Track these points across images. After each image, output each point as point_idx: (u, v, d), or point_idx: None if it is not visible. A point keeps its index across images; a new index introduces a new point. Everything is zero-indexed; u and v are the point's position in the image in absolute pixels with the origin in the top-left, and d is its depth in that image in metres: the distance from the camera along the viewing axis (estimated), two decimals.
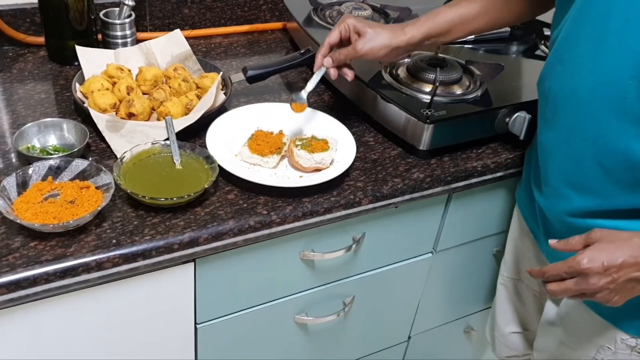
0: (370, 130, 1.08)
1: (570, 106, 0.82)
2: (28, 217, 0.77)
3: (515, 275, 1.14)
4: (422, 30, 0.95)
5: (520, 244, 1.10)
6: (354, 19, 0.95)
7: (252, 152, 0.94)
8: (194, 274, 0.89)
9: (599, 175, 0.81)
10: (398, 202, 0.97)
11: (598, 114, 0.78)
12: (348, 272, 1.08)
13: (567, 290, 0.76)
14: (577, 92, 0.80)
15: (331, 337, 1.17)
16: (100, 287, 0.81)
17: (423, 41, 0.96)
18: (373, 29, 0.94)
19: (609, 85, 0.76)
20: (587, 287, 0.74)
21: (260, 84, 1.14)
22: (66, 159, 0.85)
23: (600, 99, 0.77)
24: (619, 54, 0.74)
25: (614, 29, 0.74)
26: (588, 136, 0.81)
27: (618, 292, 0.74)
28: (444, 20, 0.96)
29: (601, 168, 0.81)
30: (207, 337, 0.99)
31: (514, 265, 1.13)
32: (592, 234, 0.75)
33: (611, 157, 0.79)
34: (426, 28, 0.96)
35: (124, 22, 1.16)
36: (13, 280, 0.72)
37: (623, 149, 0.77)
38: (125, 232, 0.80)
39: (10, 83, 1.08)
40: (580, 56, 0.79)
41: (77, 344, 0.86)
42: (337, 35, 0.96)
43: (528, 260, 1.07)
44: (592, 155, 0.81)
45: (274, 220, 0.87)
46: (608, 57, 0.75)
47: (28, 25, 1.19)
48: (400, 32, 0.95)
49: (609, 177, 0.81)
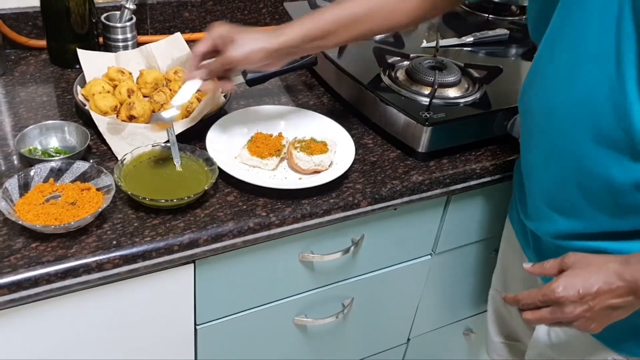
0: (369, 133, 1.09)
1: (549, 126, 0.80)
2: (30, 218, 0.77)
3: (502, 288, 1.13)
4: (300, 32, 0.87)
5: (509, 258, 1.09)
6: (226, 25, 0.86)
7: (251, 155, 0.95)
8: (193, 275, 0.89)
9: (581, 199, 0.80)
10: (397, 204, 0.98)
11: (576, 136, 0.76)
12: (347, 274, 1.08)
13: (542, 319, 0.75)
14: (555, 110, 0.78)
15: (330, 339, 1.17)
16: (101, 288, 0.82)
17: (303, 44, 0.87)
18: (246, 34, 0.85)
19: (586, 106, 0.74)
20: (563, 316, 0.73)
21: (260, 87, 1.15)
22: (67, 161, 0.86)
23: (578, 120, 0.75)
24: (594, 73, 0.72)
25: (589, 48, 0.72)
26: (568, 159, 0.79)
27: (595, 319, 0.72)
28: (327, 21, 0.87)
29: (582, 192, 0.79)
30: (207, 338, 0.99)
31: (502, 277, 1.13)
32: (567, 259, 0.74)
33: (592, 181, 0.77)
34: (305, 29, 0.87)
35: (125, 26, 1.17)
36: (15, 280, 0.73)
37: (603, 174, 0.75)
38: (125, 233, 0.81)
39: (12, 86, 1.09)
40: (557, 73, 0.77)
41: (78, 344, 0.86)
42: (206, 44, 0.87)
43: (516, 274, 1.07)
44: (573, 179, 0.79)
45: (273, 222, 0.87)
46: (584, 76, 0.73)
47: (30, 28, 1.20)
48: (276, 35, 0.86)
49: (591, 201, 0.79)
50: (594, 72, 0.72)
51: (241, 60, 0.85)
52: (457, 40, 1.29)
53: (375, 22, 0.90)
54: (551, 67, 0.78)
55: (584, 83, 0.73)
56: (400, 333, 1.31)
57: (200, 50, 0.87)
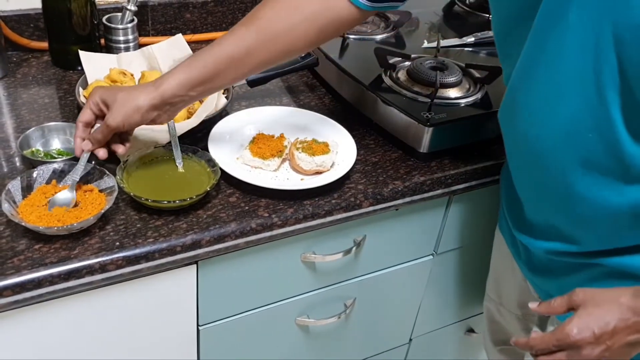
0: (370, 133, 1.09)
1: (535, 157, 0.77)
2: (33, 220, 0.77)
3: (496, 298, 1.12)
4: (178, 81, 0.80)
5: (500, 267, 1.08)
6: (103, 89, 0.82)
7: (253, 155, 0.95)
8: (196, 276, 0.90)
9: (575, 224, 0.78)
10: (399, 204, 0.98)
11: (565, 166, 0.74)
12: (349, 274, 1.08)
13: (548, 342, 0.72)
14: (540, 142, 0.75)
15: (332, 339, 1.17)
16: (104, 289, 0.82)
17: (185, 92, 0.81)
18: (122, 94, 0.80)
19: (572, 137, 0.71)
20: (581, 359, 0.70)
21: (262, 88, 1.15)
22: (70, 163, 0.86)
23: (564, 150, 0.73)
24: (576, 103, 0.69)
25: (569, 78, 0.69)
26: (559, 188, 0.76)
27: (614, 357, 0.70)
28: (205, 65, 0.81)
29: (577, 217, 0.77)
30: (210, 338, 0.99)
31: (495, 287, 1.12)
32: (575, 296, 0.71)
33: (586, 207, 0.75)
34: (183, 78, 0.80)
35: (127, 27, 1.17)
36: (18, 282, 0.73)
37: (597, 199, 0.73)
38: (128, 234, 0.81)
39: (14, 88, 1.09)
40: (538, 101, 0.74)
41: (81, 345, 0.86)
42: (89, 113, 0.82)
43: (509, 283, 1.06)
44: (567, 206, 0.77)
45: (275, 222, 0.87)
46: (566, 107, 0.70)
47: (32, 30, 1.20)
48: (152, 88, 0.80)
49: (586, 226, 0.77)
50: (576, 102, 0.69)
51: (120, 125, 0.80)
52: (458, 41, 1.29)
53: (262, 57, 0.83)
54: (531, 98, 0.75)
55: (567, 114, 0.71)
56: (402, 333, 1.31)
57: (83, 120, 0.82)
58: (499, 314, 1.14)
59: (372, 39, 1.26)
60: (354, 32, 1.27)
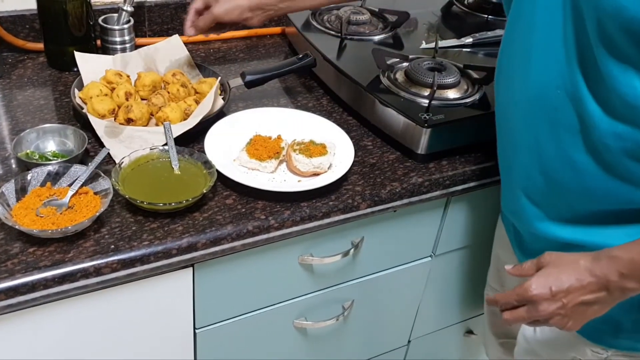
0: (368, 135, 1.08)
1: (513, 117, 0.83)
2: (27, 223, 0.77)
3: (498, 286, 1.14)
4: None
5: (501, 253, 1.10)
6: None
7: (250, 157, 0.94)
8: (192, 279, 0.89)
9: (548, 186, 0.82)
10: (397, 206, 0.98)
11: (537, 125, 0.79)
12: (347, 276, 1.08)
13: (519, 318, 0.76)
14: (517, 103, 0.81)
15: (330, 342, 1.17)
16: (99, 292, 0.81)
17: (277, 2, 1.01)
18: None
19: (541, 98, 0.77)
20: (538, 314, 0.74)
21: (259, 89, 1.14)
22: (65, 165, 0.86)
23: (536, 111, 0.78)
24: (544, 65, 0.75)
25: (538, 41, 0.75)
26: (532, 147, 0.81)
27: (570, 317, 0.74)
28: None
29: (548, 179, 0.81)
30: (206, 341, 0.99)
31: (497, 277, 1.13)
32: (542, 259, 0.76)
33: (556, 168, 0.80)
34: None
35: (123, 28, 1.16)
36: (12, 286, 0.72)
37: (564, 158, 0.78)
38: (123, 237, 0.80)
39: (9, 89, 1.09)
40: (515, 68, 0.80)
41: (76, 349, 0.86)
42: (198, 2, 1.02)
43: None
44: (538, 166, 0.82)
45: (272, 225, 0.87)
46: (536, 69, 0.76)
47: (27, 31, 1.19)
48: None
49: (559, 188, 0.81)
50: (546, 60, 0.75)
51: (221, 15, 1.00)
52: (456, 41, 1.29)
53: None
54: (510, 61, 0.82)
55: (539, 72, 0.76)
56: (400, 335, 1.31)
57: (195, 7, 1.02)
58: None
59: (370, 40, 1.26)
60: (351, 32, 1.27)
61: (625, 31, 0.64)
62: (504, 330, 1.16)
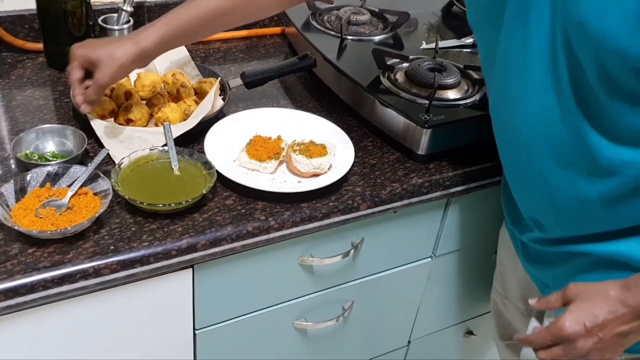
0: (368, 135, 1.08)
1: (516, 146, 0.81)
2: (26, 223, 0.77)
3: (502, 291, 1.13)
4: (158, 35, 0.88)
5: (504, 260, 1.09)
6: (82, 48, 0.88)
7: (250, 158, 0.94)
8: (192, 280, 0.89)
9: (554, 213, 0.82)
10: (397, 206, 0.97)
11: (540, 156, 0.77)
12: (347, 277, 1.07)
13: (557, 357, 0.75)
14: (518, 131, 0.79)
15: (331, 343, 1.17)
16: (98, 293, 0.81)
17: (162, 46, 0.89)
18: (105, 51, 0.87)
19: (543, 126, 0.74)
20: (576, 352, 0.73)
21: (259, 89, 1.14)
22: (64, 165, 0.85)
23: (538, 141, 0.76)
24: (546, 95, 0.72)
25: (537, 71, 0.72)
26: (535, 179, 0.80)
27: (608, 349, 0.73)
28: (185, 21, 0.88)
29: (555, 207, 0.80)
30: (206, 342, 0.98)
31: (501, 282, 1.13)
32: (568, 292, 0.74)
33: (562, 198, 0.78)
34: (161, 33, 0.88)
35: (123, 28, 1.16)
36: (11, 287, 0.72)
37: (569, 190, 0.76)
38: (123, 238, 0.80)
39: (9, 89, 1.09)
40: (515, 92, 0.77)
41: (75, 350, 0.85)
42: (79, 71, 0.89)
43: (512, 277, 1.07)
44: (545, 196, 0.81)
45: (272, 225, 0.87)
46: (537, 97, 0.73)
47: (27, 31, 1.19)
48: (132, 45, 0.87)
49: (564, 216, 0.80)
50: (546, 92, 0.72)
51: (110, 81, 0.89)
52: (456, 42, 1.29)
53: (234, 16, 0.91)
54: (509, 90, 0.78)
55: (539, 103, 0.73)
56: (400, 335, 1.31)
57: (76, 79, 0.89)
58: (504, 308, 1.14)
59: (370, 40, 1.26)
60: (352, 33, 1.26)
61: (631, 70, 0.62)
62: (510, 332, 1.15)
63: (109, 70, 0.86)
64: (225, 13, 0.89)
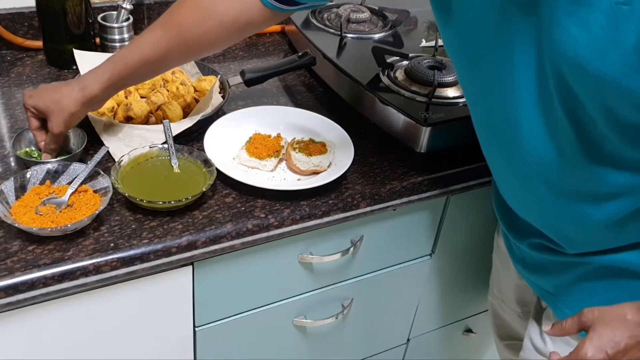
0: (368, 133, 1.08)
1: (510, 175, 0.80)
2: (26, 221, 0.77)
3: (498, 294, 1.14)
4: (102, 83, 0.85)
5: (499, 265, 1.10)
6: (31, 98, 0.86)
7: (250, 156, 0.94)
8: (192, 277, 0.89)
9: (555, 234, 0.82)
10: (396, 204, 0.97)
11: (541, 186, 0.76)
12: (346, 274, 1.08)
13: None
14: (512, 165, 0.78)
15: (330, 340, 1.17)
16: (99, 290, 0.81)
17: (108, 92, 0.87)
18: (52, 100, 0.85)
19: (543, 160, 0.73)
20: None
21: (258, 87, 1.14)
22: (64, 163, 0.85)
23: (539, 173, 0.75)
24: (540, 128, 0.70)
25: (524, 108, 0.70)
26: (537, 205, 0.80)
27: None
28: (126, 66, 0.85)
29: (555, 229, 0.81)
30: (206, 340, 0.98)
31: (497, 285, 1.13)
32: (584, 317, 0.73)
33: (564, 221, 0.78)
34: (105, 79, 0.85)
35: (122, 26, 1.16)
36: (11, 284, 0.72)
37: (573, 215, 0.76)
38: (123, 235, 0.80)
39: (8, 87, 1.08)
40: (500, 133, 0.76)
41: (76, 347, 0.85)
42: (35, 121, 0.88)
43: (506, 281, 1.08)
44: (545, 221, 0.81)
45: (272, 223, 0.87)
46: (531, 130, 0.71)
47: (26, 29, 1.19)
48: (78, 93, 0.85)
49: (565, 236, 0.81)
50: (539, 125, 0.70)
51: (64, 130, 0.87)
52: None
53: (177, 56, 0.89)
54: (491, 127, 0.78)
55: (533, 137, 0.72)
56: (400, 333, 1.31)
57: (35, 128, 0.89)
58: (501, 310, 1.15)
59: (370, 38, 1.26)
60: (351, 31, 1.26)
61: (634, 106, 0.60)
62: (508, 333, 1.16)
63: (60, 119, 0.85)
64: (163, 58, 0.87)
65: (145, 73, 0.89)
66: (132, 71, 0.86)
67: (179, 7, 0.87)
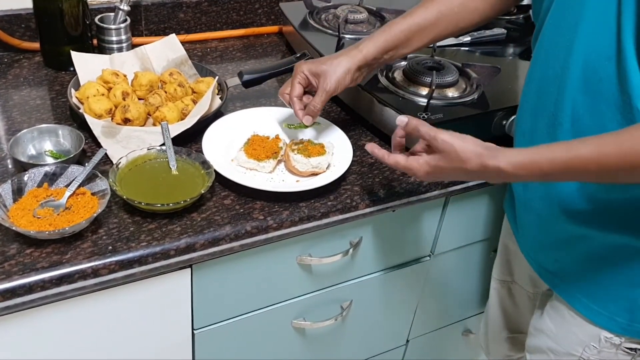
0: (366, 134, 1.08)
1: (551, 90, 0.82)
2: (24, 224, 0.76)
3: (508, 277, 1.14)
4: (377, 45, 0.93)
5: (510, 244, 1.10)
6: (306, 63, 0.94)
7: (248, 157, 0.94)
8: (190, 280, 0.89)
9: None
10: (395, 205, 0.97)
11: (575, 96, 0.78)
12: (345, 276, 1.07)
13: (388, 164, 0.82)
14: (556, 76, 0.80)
15: (329, 342, 1.17)
16: (97, 293, 0.81)
17: (381, 55, 0.94)
18: (329, 62, 0.93)
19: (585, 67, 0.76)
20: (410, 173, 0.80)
21: (256, 89, 1.14)
22: (62, 165, 0.85)
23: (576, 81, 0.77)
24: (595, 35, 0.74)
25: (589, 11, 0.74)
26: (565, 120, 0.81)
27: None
28: (400, 31, 0.94)
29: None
30: (205, 342, 0.98)
31: (507, 268, 1.13)
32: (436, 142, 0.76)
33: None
34: (382, 41, 0.93)
35: (119, 27, 1.16)
36: (9, 287, 0.72)
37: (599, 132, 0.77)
38: (121, 238, 0.80)
39: (5, 89, 1.08)
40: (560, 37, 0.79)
41: (74, 350, 0.85)
42: (299, 87, 0.94)
43: (520, 260, 1.07)
44: None
45: (270, 225, 0.86)
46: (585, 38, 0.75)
47: (23, 30, 1.19)
48: (356, 52, 0.93)
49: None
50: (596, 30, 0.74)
51: (336, 88, 0.92)
52: (454, 40, 1.29)
53: (443, 27, 0.96)
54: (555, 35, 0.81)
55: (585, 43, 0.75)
56: (399, 334, 1.31)
57: (297, 95, 0.94)
58: (509, 297, 1.14)
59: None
60: (349, 31, 1.26)
61: None
62: (515, 323, 1.16)
63: (335, 76, 0.91)
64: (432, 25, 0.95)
65: (413, 41, 0.95)
66: (404, 37, 0.93)
67: None
